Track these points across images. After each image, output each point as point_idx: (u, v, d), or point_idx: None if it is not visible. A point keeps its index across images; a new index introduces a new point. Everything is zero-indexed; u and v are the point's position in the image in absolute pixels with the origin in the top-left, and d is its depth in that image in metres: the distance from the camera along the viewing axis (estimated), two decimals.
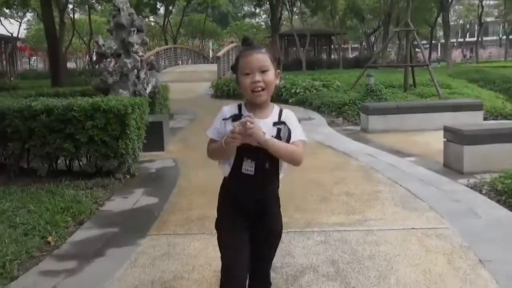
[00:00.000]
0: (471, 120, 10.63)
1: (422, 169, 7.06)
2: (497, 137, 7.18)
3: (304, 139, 2.34)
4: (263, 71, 2.25)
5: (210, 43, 63.07)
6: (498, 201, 5.34)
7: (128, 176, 6.65)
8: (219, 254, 2.51)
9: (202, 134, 2.57)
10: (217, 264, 3.67)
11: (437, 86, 15.00)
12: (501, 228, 4.43)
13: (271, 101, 2.40)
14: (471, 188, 6.01)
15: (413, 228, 4.45)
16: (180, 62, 36.67)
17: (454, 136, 7.39)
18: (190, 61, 40.30)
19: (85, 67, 46.78)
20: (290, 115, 2.36)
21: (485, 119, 12.07)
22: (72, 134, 6.11)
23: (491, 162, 6.76)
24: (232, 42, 45.01)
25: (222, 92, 19.62)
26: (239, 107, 2.36)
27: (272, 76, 2.28)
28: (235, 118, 2.29)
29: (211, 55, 58.56)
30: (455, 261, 3.70)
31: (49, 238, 4.41)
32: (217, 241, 2.52)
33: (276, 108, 2.37)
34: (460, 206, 5.12)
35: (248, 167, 2.31)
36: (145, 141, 7.24)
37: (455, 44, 67.08)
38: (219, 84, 20.43)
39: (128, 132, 6.21)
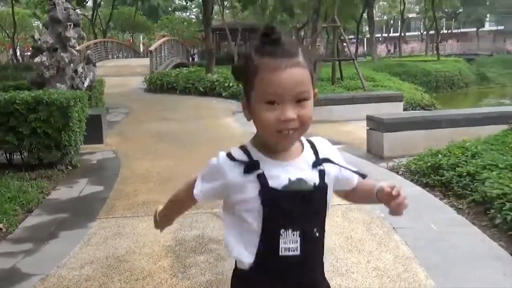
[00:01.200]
0: (393, 111, 11.51)
1: (347, 154, 7.71)
2: (412, 125, 7.99)
3: (364, 173, 1.54)
4: (300, 100, 1.32)
5: (141, 37, 62.20)
6: (411, 180, 6.04)
7: (70, 168, 6.86)
8: (167, 231, 1.94)
9: (138, 127, 2.81)
10: (165, 240, 4.12)
11: (362, 79, 15.94)
12: (411, 202, 5.04)
13: None
14: (390, 170, 6.71)
15: (338, 204, 5.03)
16: (110, 56, 36.11)
17: (375, 124, 8.14)
18: (120, 55, 39.73)
19: (9, 61, 44.94)
20: (326, 144, 1.51)
21: (405, 109, 13.08)
22: (15, 127, 6.26)
23: (408, 147, 7.53)
24: (164, 36, 44.77)
25: (155, 86, 19.74)
26: (244, 150, 1.43)
27: (311, 107, 1.35)
28: (247, 169, 1.38)
29: (142, 49, 57.85)
30: (373, 229, 4.31)
31: (0, 225, 4.63)
32: None
33: (304, 140, 1.48)
34: None
35: (290, 243, 1.39)
36: (85, 134, 7.45)
37: (380, 39, 69.86)
38: (153, 78, 20.52)
39: (71, 125, 6.44)
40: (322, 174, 1.43)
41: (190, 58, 41.60)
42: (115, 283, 3.41)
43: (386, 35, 72.88)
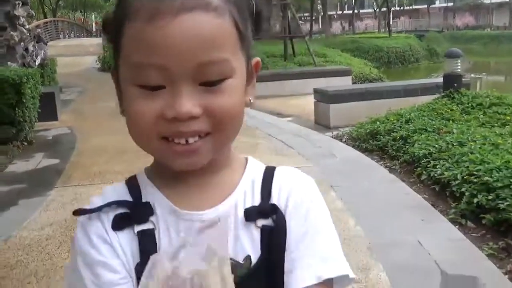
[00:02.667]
0: (341, 84, 12.01)
1: (296, 125, 8.16)
2: (356, 96, 8.49)
3: (347, 273, 0.71)
4: (210, 82, 0.66)
5: (93, 16, 60.83)
6: (353, 146, 6.52)
7: (25, 144, 7.00)
8: None
9: (93, 105, 3.07)
10: None
11: (313, 55, 16.39)
12: (350, 165, 5.56)
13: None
14: (334, 138, 7.18)
15: None
16: (62, 36, 35.36)
17: (321, 96, 8.58)
18: (72, 34, 38.95)
19: None
20: (301, 185, 0.77)
21: (354, 83, 13.61)
22: None
23: (352, 117, 7.99)
24: None
25: (109, 65, 19.66)
26: (132, 186, 0.77)
27: (237, 91, 0.69)
28: (120, 220, 0.72)
29: (94, 29, 56.63)
30: None
31: None
32: None
33: (252, 167, 0.79)
34: (322, 150, 6.20)
35: None
36: (39, 111, 7.58)
37: (335, 16, 70.62)
38: (106, 57, 20.43)
39: (24, 101, 6.58)
40: (265, 240, 0.72)
41: None
42: None
43: (340, 12, 73.67)
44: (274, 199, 0.74)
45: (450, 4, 70.71)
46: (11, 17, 8.85)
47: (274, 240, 0.70)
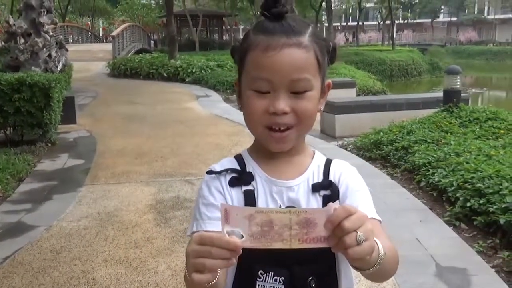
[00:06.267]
0: (346, 96, 12.45)
1: None
2: (361, 108, 8.94)
3: (379, 218, 1.13)
4: (298, 92, 1.04)
5: (100, 21, 61.54)
6: (357, 155, 6.96)
7: (49, 144, 7.46)
8: (147, 194, 2.74)
9: (107, 109, 3.36)
10: (147, 200, 4.86)
11: None
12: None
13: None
14: (340, 147, 7.62)
15: None
16: (71, 40, 35.91)
17: (328, 107, 9.01)
18: (80, 39, 39.53)
19: None
20: (349, 171, 1.16)
21: (358, 95, 14.05)
22: (0, 106, 6.81)
23: (356, 128, 8.43)
24: (124, 21, 44.56)
25: (119, 71, 20.17)
26: (239, 159, 1.16)
27: (314, 100, 1.07)
28: (234, 181, 1.12)
29: (101, 34, 57.33)
30: None
31: None
32: None
33: (318, 156, 1.19)
34: None
35: None
36: (62, 114, 8.04)
37: (339, 28, 71.27)
38: (116, 63, 20.94)
39: (52, 104, 7.04)
40: (325, 202, 1.06)
41: (152, 44, 41.65)
42: (109, 231, 4.16)
43: (345, 24, 74.31)
44: (331, 177, 1.12)
45: (454, 19, 71.42)
46: (36, 24, 9.34)
47: (330, 202, 0.89)
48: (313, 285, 1.06)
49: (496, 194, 4.11)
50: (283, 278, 1.04)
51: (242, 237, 0.83)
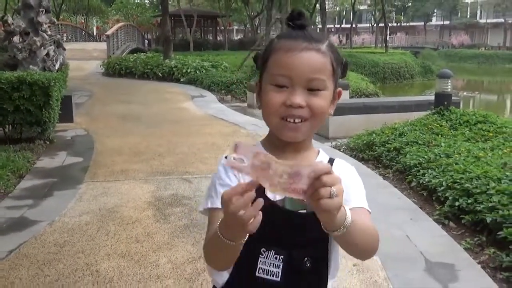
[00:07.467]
0: (340, 98, 12.61)
1: None
2: (354, 110, 9.12)
3: (369, 209, 1.32)
4: (313, 90, 1.19)
5: (94, 20, 61.41)
6: (350, 155, 7.12)
7: (48, 142, 7.56)
8: (146, 191, 3.06)
9: (102, 108, 3.47)
10: (146, 198, 4.99)
11: None
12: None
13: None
14: (333, 147, 7.77)
15: None
16: (65, 39, 35.88)
17: None
18: (74, 38, 39.48)
19: None
20: (348, 170, 1.36)
21: (351, 97, 14.26)
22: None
23: (349, 129, 8.61)
24: (118, 20, 44.55)
25: (113, 70, 20.25)
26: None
27: (326, 99, 1.22)
28: None
29: (95, 33, 57.23)
30: None
31: None
32: None
33: (322, 154, 1.36)
34: None
35: (270, 266, 1.23)
36: (60, 112, 8.15)
37: (333, 30, 71.52)
38: (111, 62, 21.01)
39: (51, 103, 7.15)
40: None
41: (146, 44, 41.68)
42: (110, 226, 4.29)
43: (338, 26, 74.56)
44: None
45: (447, 22, 71.92)
46: (34, 23, 9.43)
47: None
48: (308, 265, 1.23)
49: (483, 194, 4.28)
50: (282, 256, 1.21)
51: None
